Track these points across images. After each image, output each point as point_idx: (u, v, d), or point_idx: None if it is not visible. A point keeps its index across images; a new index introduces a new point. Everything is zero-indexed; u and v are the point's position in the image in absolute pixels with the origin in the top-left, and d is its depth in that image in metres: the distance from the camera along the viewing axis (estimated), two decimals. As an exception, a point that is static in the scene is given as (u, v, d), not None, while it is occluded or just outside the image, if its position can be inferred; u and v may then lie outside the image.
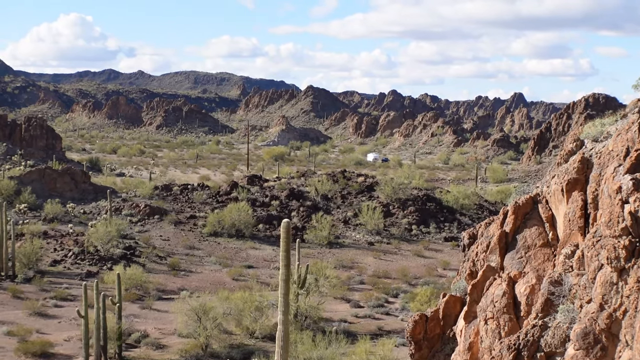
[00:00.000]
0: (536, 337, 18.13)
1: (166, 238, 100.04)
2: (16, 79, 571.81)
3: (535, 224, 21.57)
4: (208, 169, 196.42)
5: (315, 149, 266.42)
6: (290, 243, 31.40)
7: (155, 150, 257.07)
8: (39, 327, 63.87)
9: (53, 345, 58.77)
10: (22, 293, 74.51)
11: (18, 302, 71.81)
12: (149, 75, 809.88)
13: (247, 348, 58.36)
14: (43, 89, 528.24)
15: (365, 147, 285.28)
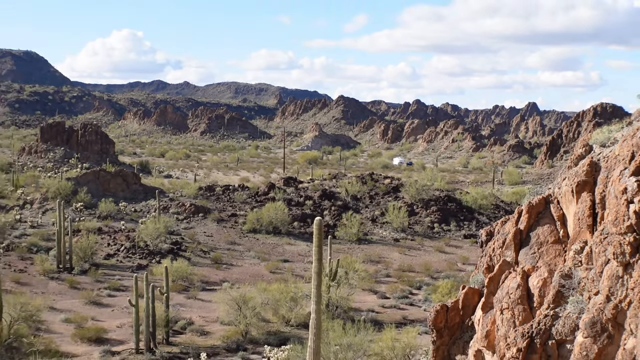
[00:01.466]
0: (548, 326, 18.09)
1: (209, 234, 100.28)
2: (73, 89, 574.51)
3: (548, 222, 21.53)
4: (248, 171, 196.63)
5: (346, 154, 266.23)
6: (322, 239, 31.41)
7: (200, 154, 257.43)
8: (94, 314, 64.20)
9: (107, 331, 59.08)
10: (78, 284, 74.92)
11: (75, 292, 72.20)
12: (194, 85, 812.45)
13: (283, 335, 58.45)
14: (97, 98, 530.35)
15: (391, 152, 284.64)
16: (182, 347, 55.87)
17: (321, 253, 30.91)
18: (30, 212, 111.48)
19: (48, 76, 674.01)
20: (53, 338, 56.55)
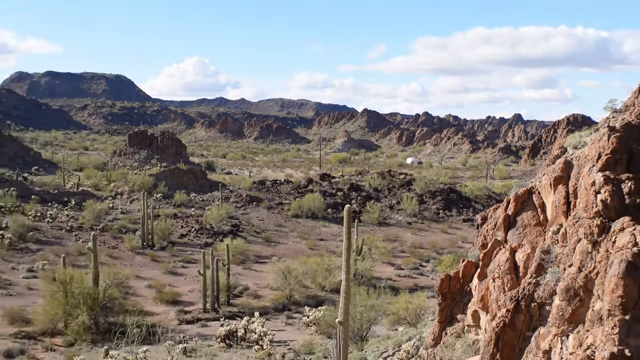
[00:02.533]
0: (531, 291, 18.00)
1: (261, 219, 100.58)
2: (153, 105, 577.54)
3: (530, 209, 21.46)
4: (291, 169, 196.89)
5: (369, 155, 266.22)
6: (350, 222, 31.36)
7: (253, 155, 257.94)
8: (170, 282, 64.62)
9: (180, 295, 59.44)
10: (158, 257, 75.41)
11: (155, 264, 72.70)
12: (249, 101, 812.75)
13: (319, 298, 58.55)
14: (173, 111, 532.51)
15: (405, 153, 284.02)
16: (239, 307, 56.15)
17: (349, 233, 30.84)
18: (120, 201, 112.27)
19: (134, 94, 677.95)
20: (139, 300, 56.95)
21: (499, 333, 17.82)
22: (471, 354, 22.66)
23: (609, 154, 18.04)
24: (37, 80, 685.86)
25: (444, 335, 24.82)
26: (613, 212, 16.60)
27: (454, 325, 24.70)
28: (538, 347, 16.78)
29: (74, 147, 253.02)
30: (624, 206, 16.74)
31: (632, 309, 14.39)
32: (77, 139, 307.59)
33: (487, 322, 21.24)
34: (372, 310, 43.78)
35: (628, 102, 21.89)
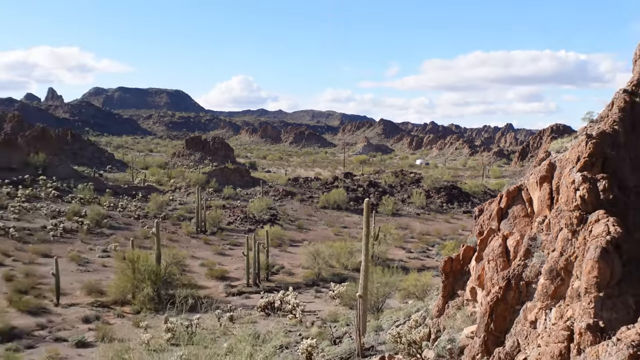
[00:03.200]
0: (520, 271, 17.90)
1: (295, 209, 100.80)
2: (206, 115, 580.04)
3: (520, 203, 21.32)
4: (320, 168, 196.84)
5: (384, 157, 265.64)
6: (369, 213, 31.34)
7: (288, 157, 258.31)
8: (219, 261, 64.97)
9: (228, 272, 59.75)
10: (209, 241, 75.85)
11: (207, 246, 73.12)
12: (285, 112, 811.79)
13: (342, 275, 58.60)
14: (222, 120, 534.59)
15: (415, 156, 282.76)
16: (276, 282, 56.35)
17: (368, 222, 30.83)
18: (178, 194, 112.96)
19: (190, 106, 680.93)
20: (193, 276, 57.32)
21: (492, 306, 17.73)
22: (469, 324, 22.59)
23: (587, 157, 18.06)
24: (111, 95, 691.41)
25: (447, 307, 24.75)
26: (590, 206, 16.56)
27: (455, 299, 24.63)
28: (526, 318, 16.69)
29: (141, 149, 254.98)
30: (599, 201, 16.74)
31: (605, 287, 14.37)
32: (143, 143, 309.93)
33: (483, 297, 21.16)
34: (387, 286, 43.76)
35: (603, 114, 21.86)
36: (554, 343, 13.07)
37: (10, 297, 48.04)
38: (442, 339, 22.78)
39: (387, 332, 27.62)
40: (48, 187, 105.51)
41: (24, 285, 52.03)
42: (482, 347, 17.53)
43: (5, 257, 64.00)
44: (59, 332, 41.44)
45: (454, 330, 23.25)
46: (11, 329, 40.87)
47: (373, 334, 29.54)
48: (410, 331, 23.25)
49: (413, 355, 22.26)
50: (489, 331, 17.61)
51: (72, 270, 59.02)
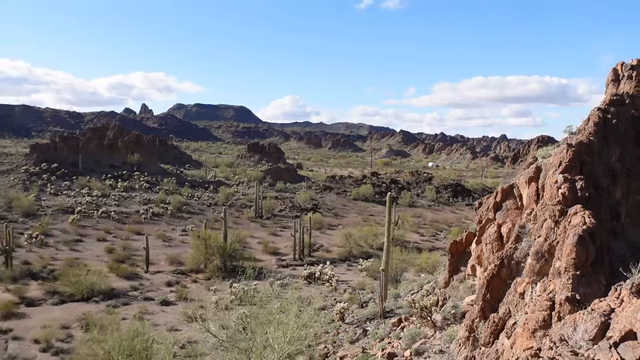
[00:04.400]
0: (511, 253, 17.63)
1: (332, 200, 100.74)
2: (263, 125, 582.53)
3: (512, 198, 21.03)
4: (352, 168, 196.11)
5: (403, 160, 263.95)
6: (390, 204, 31.13)
7: (327, 159, 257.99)
8: (272, 240, 65.19)
9: (279, 249, 59.94)
10: (265, 224, 76.19)
11: (263, 228, 73.45)
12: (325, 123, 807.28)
13: (369, 253, 58.35)
14: (275, 130, 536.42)
15: (427, 160, 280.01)
16: (316, 258, 56.36)
17: (390, 211, 30.62)
18: (241, 187, 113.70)
19: (251, 118, 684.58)
20: (252, 251, 57.62)
21: (489, 280, 17.50)
22: (470, 294, 22.34)
23: (567, 162, 17.81)
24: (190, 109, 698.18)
25: (452, 280, 24.54)
26: (569, 201, 16.31)
27: (459, 274, 24.41)
28: (516, 290, 16.44)
29: (212, 152, 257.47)
30: (577, 198, 16.51)
31: (581, 267, 14.14)
32: (214, 147, 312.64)
33: (481, 273, 20.93)
34: (404, 262, 43.48)
35: (581, 127, 21.58)
36: (538, 311, 12.84)
37: (111, 265, 48.95)
38: (448, 306, 22.58)
39: (404, 299, 27.45)
40: (141, 180, 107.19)
41: (121, 256, 53.01)
42: (480, 313, 17.34)
43: (107, 234, 65.29)
44: (147, 293, 42.06)
45: (457, 298, 23.04)
46: (111, 290, 41.63)
47: (393, 300, 29.39)
48: (422, 298, 23.06)
49: (424, 317, 22.10)
50: (486, 300, 17.40)
51: (158, 245, 59.86)
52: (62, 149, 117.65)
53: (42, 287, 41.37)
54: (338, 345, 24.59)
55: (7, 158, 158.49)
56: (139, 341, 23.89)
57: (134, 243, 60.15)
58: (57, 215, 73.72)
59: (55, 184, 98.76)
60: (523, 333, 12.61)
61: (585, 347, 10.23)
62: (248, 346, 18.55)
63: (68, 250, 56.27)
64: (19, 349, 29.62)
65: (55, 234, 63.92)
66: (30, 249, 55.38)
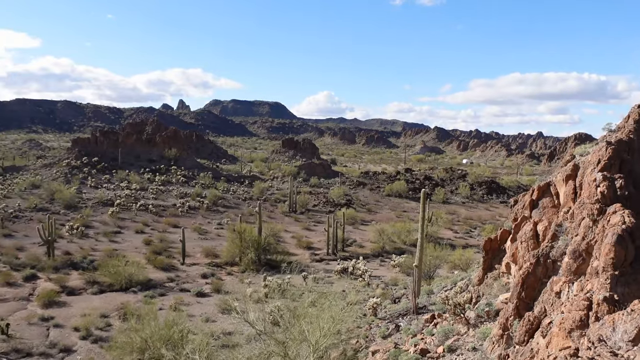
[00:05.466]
0: (547, 251, 17.33)
1: (365, 196, 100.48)
2: (298, 121, 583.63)
3: (549, 196, 20.65)
4: (386, 164, 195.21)
5: (437, 157, 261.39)
6: (424, 201, 30.90)
7: (361, 155, 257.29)
8: (306, 235, 65.35)
9: (312, 243, 60.08)
10: (299, 219, 76.45)
11: (297, 222, 73.70)
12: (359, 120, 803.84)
13: (402, 249, 58.03)
14: (310, 126, 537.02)
15: (462, 156, 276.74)
16: (350, 253, 56.29)
17: (424, 208, 30.42)
18: (276, 182, 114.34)
19: (286, 114, 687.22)
20: (286, 245, 57.92)
21: (524, 278, 17.24)
22: (504, 292, 22.06)
23: (606, 160, 17.47)
24: (226, 105, 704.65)
25: (486, 278, 24.27)
26: (608, 200, 16.00)
27: (493, 271, 24.12)
28: (552, 289, 16.15)
29: (248, 147, 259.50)
30: (616, 196, 16.18)
31: (619, 267, 13.84)
32: (250, 142, 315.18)
33: (516, 271, 20.66)
34: (437, 259, 43.14)
35: (620, 125, 21.11)
36: (575, 310, 12.60)
37: (148, 256, 49.82)
38: (482, 303, 22.32)
39: (437, 295, 27.25)
40: (178, 174, 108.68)
41: (158, 248, 53.90)
42: (514, 311, 17.10)
43: (145, 226, 66.43)
44: (183, 285, 42.66)
45: (491, 296, 22.76)
46: (149, 281, 42.36)
47: (425, 297, 29.19)
48: (456, 295, 22.84)
49: (457, 314, 21.89)
50: (521, 298, 17.16)
51: (194, 238, 60.65)
52: (102, 143, 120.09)
53: (83, 277, 42.36)
54: (370, 339, 24.55)
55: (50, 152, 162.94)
56: (175, 331, 24.28)
57: (170, 235, 61.07)
58: (97, 208, 75.37)
59: (95, 177, 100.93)
60: (559, 332, 12.40)
61: (625, 348, 10.02)
62: (284, 338, 18.67)
63: (107, 242, 57.49)
64: (60, 336, 30.39)
65: (95, 225, 65.36)
66: (72, 240, 56.76)
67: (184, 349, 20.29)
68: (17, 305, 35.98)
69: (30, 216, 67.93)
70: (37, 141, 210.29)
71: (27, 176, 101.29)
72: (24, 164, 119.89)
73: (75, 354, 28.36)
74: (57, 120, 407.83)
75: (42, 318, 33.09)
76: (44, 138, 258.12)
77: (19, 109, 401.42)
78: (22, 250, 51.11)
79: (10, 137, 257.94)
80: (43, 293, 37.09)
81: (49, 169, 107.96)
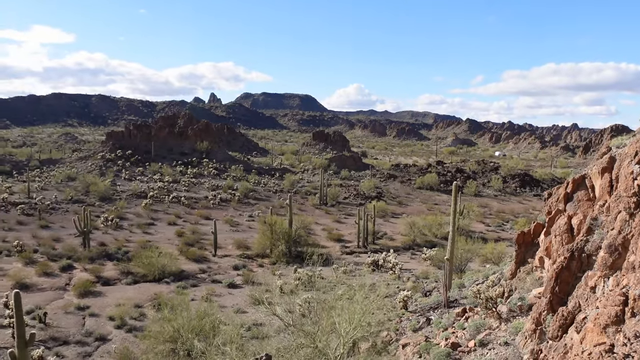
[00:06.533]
0: (582, 245, 17.02)
1: (396, 189, 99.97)
2: (328, 114, 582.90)
3: (584, 189, 20.26)
4: (417, 157, 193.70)
5: (469, 149, 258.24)
6: (456, 193, 30.61)
7: (392, 147, 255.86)
8: (336, 227, 65.35)
9: (343, 236, 60.04)
10: (329, 211, 76.46)
11: (328, 215, 73.73)
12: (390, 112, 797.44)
13: (433, 242, 57.57)
14: (340, 118, 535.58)
15: (494, 149, 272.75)
16: (380, 245, 56.10)
17: (455, 200, 30.14)
18: (306, 174, 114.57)
19: (316, 107, 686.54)
20: (316, 238, 58.03)
21: (558, 273, 16.97)
22: (537, 286, 21.78)
23: (644, 152, 16.96)
24: (257, 98, 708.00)
25: (518, 272, 23.98)
26: (646, 193, 15.54)
27: (525, 265, 23.81)
28: (586, 284, 15.86)
29: (278, 140, 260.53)
30: (654, 189, 15.68)
31: (658, 261, 13.47)
32: (280, 135, 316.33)
33: (550, 265, 20.35)
34: (469, 252, 42.71)
35: (660, 116, 20.48)
36: (611, 306, 12.35)
37: (180, 248, 50.50)
38: (514, 297, 22.06)
39: (469, 289, 27.01)
40: (209, 167, 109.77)
41: (190, 240, 54.58)
42: (547, 306, 16.86)
43: (177, 218, 67.33)
44: (215, 276, 43.13)
45: (524, 290, 22.47)
46: (181, 272, 42.95)
47: (457, 290, 28.96)
48: (488, 289, 22.60)
49: (489, 308, 21.67)
50: (554, 293, 16.90)
51: (226, 230, 61.22)
52: (135, 136, 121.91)
53: (117, 268, 43.18)
54: (401, 333, 24.47)
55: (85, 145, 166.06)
56: (207, 321, 24.60)
57: (202, 227, 61.77)
58: (130, 200, 76.66)
59: (129, 169, 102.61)
60: (594, 328, 12.18)
61: (662, 344, 9.77)
62: (313, 330, 18.75)
63: (141, 233, 58.46)
64: (96, 325, 31.06)
65: (129, 217, 66.51)
66: (106, 231, 57.88)
67: (214, 340, 20.55)
68: (54, 294, 36.90)
69: (67, 208, 69.49)
70: (73, 135, 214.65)
71: (63, 169, 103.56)
72: (60, 157, 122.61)
73: (110, 342, 28.96)
74: (92, 114, 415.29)
75: (78, 307, 33.87)
76: (79, 131, 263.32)
77: (55, 104, 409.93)
78: (58, 241, 52.35)
79: (47, 130, 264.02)
80: (79, 283, 37.94)
81: (84, 162, 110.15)
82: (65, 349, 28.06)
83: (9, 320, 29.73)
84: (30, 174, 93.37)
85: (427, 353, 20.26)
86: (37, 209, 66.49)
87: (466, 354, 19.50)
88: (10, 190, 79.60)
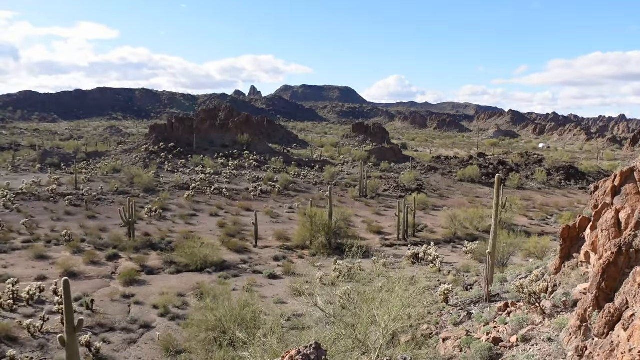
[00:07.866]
0: (630, 240, 16.56)
1: (437, 181, 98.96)
2: (368, 106, 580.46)
3: (632, 182, 19.70)
4: (458, 149, 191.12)
5: (512, 141, 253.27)
6: (498, 186, 30.15)
7: (432, 139, 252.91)
8: (376, 219, 65.12)
9: (382, 228, 59.82)
10: (369, 203, 76.22)
11: (367, 207, 73.51)
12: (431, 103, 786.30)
13: (474, 235, 56.77)
14: (380, 110, 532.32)
15: (538, 141, 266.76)
16: (420, 238, 55.71)
17: (498, 193, 29.70)
18: (346, 167, 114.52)
19: (356, 99, 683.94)
20: (356, 230, 57.93)
21: (604, 268, 16.57)
22: (582, 282, 21.33)
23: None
24: (296, 90, 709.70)
25: (563, 267, 23.51)
26: (699, 187, 14.99)
27: (570, 260, 23.32)
28: (635, 280, 15.44)
29: (318, 132, 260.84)
30: None
31: None
32: (320, 127, 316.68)
33: (596, 260, 19.90)
34: (511, 246, 42.03)
35: None
36: (660, 302, 12.00)
37: (222, 238, 51.21)
38: (558, 293, 21.66)
39: (511, 283, 26.62)
40: (250, 159, 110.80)
41: (232, 231, 55.29)
42: (593, 302, 16.49)
43: (219, 209, 68.26)
44: (256, 267, 43.61)
45: (568, 286, 22.05)
46: (223, 262, 43.59)
47: (499, 284, 28.58)
48: (531, 284, 22.24)
49: (532, 304, 21.32)
50: (601, 289, 16.52)
51: (266, 221, 61.76)
52: (178, 129, 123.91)
53: (161, 257, 44.11)
54: (441, 326, 24.31)
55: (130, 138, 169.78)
56: (248, 311, 24.93)
57: (243, 219, 62.47)
58: (173, 191, 78.08)
59: (172, 162, 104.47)
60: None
61: None
62: (353, 321, 18.80)
63: (183, 224, 59.51)
64: (140, 313, 31.83)
65: (172, 208, 67.77)
66: (150, 222, 59.13)
67: (256, 331, 20.82)
68: (101, 282, 37.97)
69: (112, 199, 71.27)
70: (118, 128, 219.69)
71: (108, 161, 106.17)
72: (106, 150, 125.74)
73: (154, 329, 29.65)
74: (136, 107, 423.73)
75: (123, 295, 34.78)
76: (124, 125, 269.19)
77: (100, 98, 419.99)
78: (105, 231, 53.76)
79: (92, 124, 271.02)
80: (124, 272, 38.93)
81: (128, 154, 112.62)
82: (111, 335, 28.88)
83: (59, 306, 30.83)
84: (77, 166, 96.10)
85: (468, 347, 20.09)
86: (84, 200, 68.42)
87: (508, 349, 19.25)
88: (58, 181, 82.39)
